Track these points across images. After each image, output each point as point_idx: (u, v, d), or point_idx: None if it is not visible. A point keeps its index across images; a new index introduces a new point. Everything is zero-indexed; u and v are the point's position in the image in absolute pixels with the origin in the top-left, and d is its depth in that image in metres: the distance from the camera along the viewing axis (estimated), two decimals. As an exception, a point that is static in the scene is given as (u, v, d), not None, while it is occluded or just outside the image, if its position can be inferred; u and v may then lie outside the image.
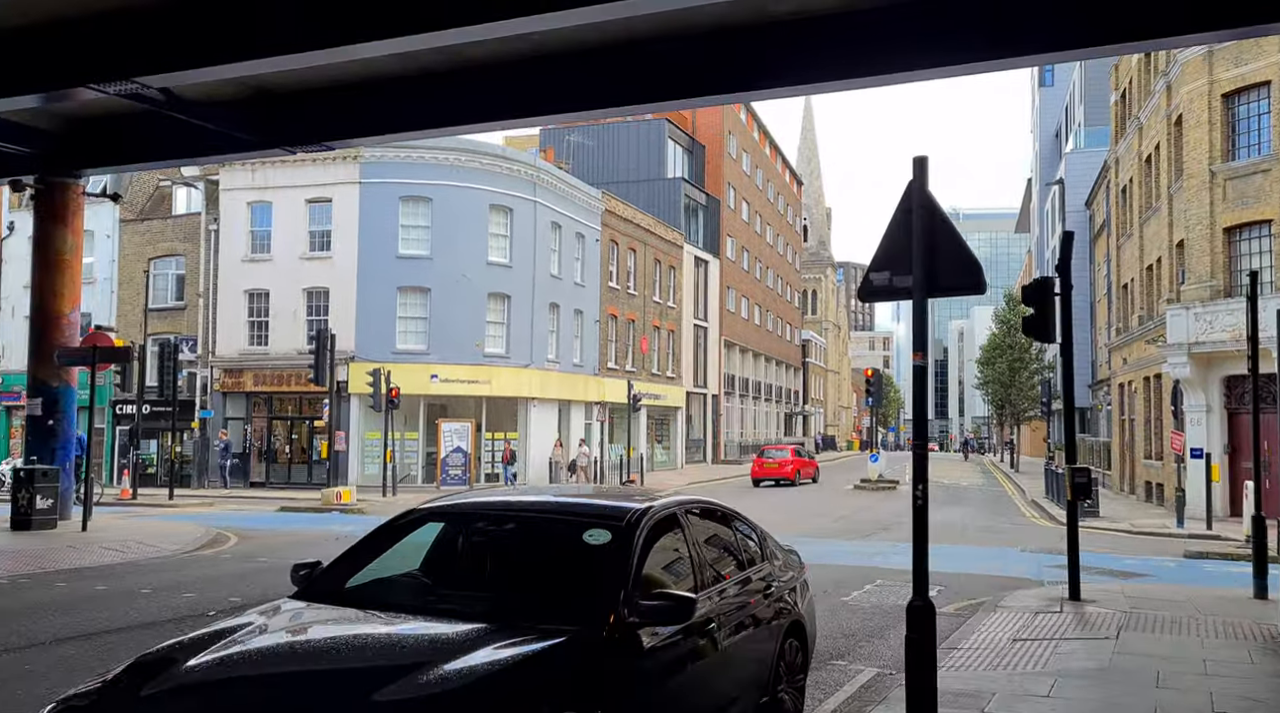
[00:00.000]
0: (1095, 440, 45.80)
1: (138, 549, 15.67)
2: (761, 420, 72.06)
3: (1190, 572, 15.92)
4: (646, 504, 5.52)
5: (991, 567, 15.75)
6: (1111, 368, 39.67)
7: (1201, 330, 25.36)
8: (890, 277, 5.73)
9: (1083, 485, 11.43)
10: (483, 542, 5.56)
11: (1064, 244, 11.71)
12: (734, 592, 5.83)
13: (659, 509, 5.53)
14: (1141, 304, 33.34)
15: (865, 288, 5.84)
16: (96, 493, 27.79)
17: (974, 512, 28.89)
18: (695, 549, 5.65)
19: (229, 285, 36.21)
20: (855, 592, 12.77)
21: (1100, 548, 19.19)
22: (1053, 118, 71.25)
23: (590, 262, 43.26)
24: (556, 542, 5.30)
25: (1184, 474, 24.70)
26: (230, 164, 36.04)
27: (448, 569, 5.50)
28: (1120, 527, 23.82)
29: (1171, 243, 29.28)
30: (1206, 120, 26.46)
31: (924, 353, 5.60)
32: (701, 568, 5.60)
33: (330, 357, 26.60)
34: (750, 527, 6.74)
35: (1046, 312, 11.43)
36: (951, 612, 11.60)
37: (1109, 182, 40.73)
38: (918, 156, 5.66)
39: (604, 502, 5.80)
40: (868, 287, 5.82)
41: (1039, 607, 11.22)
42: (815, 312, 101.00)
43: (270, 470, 36.04)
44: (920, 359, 5.59)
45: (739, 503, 8.02)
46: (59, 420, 19.59)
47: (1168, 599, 11.96)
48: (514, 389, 37.24)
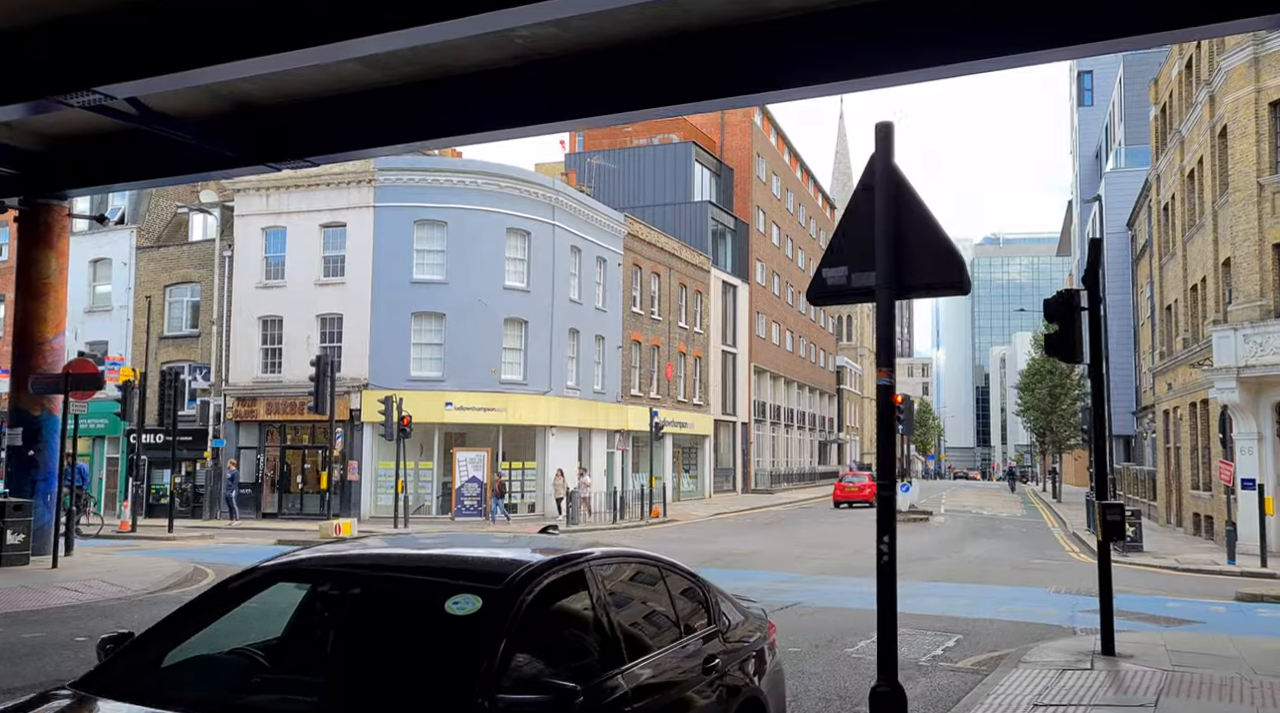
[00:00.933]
0: (1140, 470, 43.87)
1: (100, 589, 14.72)
2: (794, 448, 70.47)
3: (1243, 618, 14.41)
4: (542, 559, 4.39)
5: (1019, 611, 14.36)
6: (1156, 394, 37.89)
7: (1251, 353, 23.77)
8: (848, 273, 4.57)
9: (1115, 524, 10.09)
10: (329, 610, 4.44)
11: (1091, 253, 10.44)
12: (660, 669, 4.65)
13: (557, 566, 4.40)
14: (1186, 326, 31.71)
15: (816, 288, 4.68)
16: (95, 525, 27.26)
17: (1008, 545, 27.34)
18: (607, 616, 4.49)
19: (243, 312, 35.61)
20: (862, 642, 11.47)
21: (1142, 588, 17.71)
22: (1092, 138, 69.54)
23: (612, 286, 42.25)
24: (414, 611, 4.17)
25: (1234, 506, 23.06)
26: (245, 190, 35.65)
27: (286, 645, 4.39)
28: (1165, 563, 22.23)
29: (1217, 261, 27.72)
30: (1253, 130, 24.98)
31: (890, 369, 4.42)
32: (612, 641, 4.43)
33: (331, 384, 25.71)
34: (693, 583, 5.54)
35: (1072, 329, 10.16)
36: (968, 667, 10.30)
37: (1150, 200, 39.11)
38: (881, 123, 4.52)
39: (488, 555, 4.66)
40: (819, 287, 4.67)
41: (1066, 662, 9.88)
42: (850, 337, 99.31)
43: (283, 501, 35.24)
44: (886, 377, 4.41)
45: (751, 533, 6.90)
46: (40, 451, 18.78)
47: (1217, 654, 10.55)
48: (532, 417, 36.21)
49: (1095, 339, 10.13)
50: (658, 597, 5.16)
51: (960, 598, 15.57)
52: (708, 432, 51.98)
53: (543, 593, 4.18)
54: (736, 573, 18.93)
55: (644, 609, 5.03)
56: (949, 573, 19.57)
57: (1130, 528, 24.14)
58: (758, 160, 61.28)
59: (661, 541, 26.94)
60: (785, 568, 19.65)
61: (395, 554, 4.67)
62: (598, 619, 4.45)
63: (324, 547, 4.88)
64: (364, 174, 34.54)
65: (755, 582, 17.56)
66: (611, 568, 4.87)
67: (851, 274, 4.54)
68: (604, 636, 4.43)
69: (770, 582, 17.52)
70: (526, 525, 32.33)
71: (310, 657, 4.29)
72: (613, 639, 4.44)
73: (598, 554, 4.79)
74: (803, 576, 18.07)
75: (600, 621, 4.45)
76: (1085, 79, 72.13)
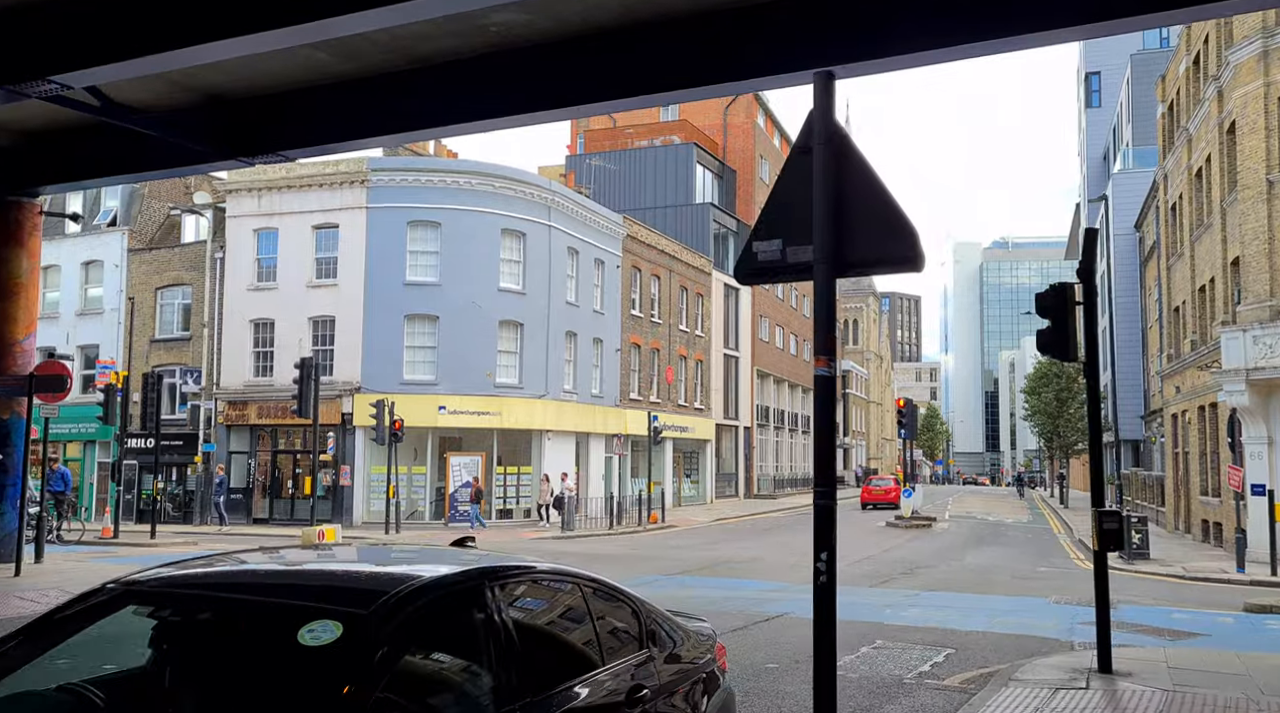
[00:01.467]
0: (1149, 475, 43.09)
1: (56, 599, 14.15)
2: (799, 453, 69.76)
3: (1251, 631, 13.71)
4: (431, 576, 3.80)
5: (1016, 623, 13.69)
6: (1164, 397, 37.14)
7: (1260, 355, 23.06)
8: (783, 248, 3.97)
9: (1113, 533, 9.43)
10: (170, 639, 3.84)
11: (1087, 243, 9.79)
12: (573, 703, 4.05)
13: (449, 584, 3.80)
14: (1194, 328, 30.99)
15: (745, 265, 4.08)
16: (78, 530, 26.73)
17: (1011, 553, 26.63)
18: (508, 643, 3.89)
19: (234, 315, 35.11)
20: (847, 657, 10.83)
21: (1147, 598, 17.03)
22: (1100, 140, 68.86)
23: (610, 289, 41.66)
24: (265, 641, 3.57)
25: (1244, 513, 22.33)
26: (237, 191, 35.19)
27: (126, 680, 3.79)
28: (1172, 572, 21.52)
29: (1225, 261, 27.02)
30: (1263, 126, 24.29)
31: (830, 357, 3.81)
32: (512, 673, 3.83)
33: (316, 387, 25.15)
34: (622, 602, 4.92)
35: (1066, 324, 9.53)
36: (956, 685, 9.66)
37: (1157, 200, 38.40)
38: (820, 71, 3.92)
39: (369, 572, 4.06)
40: (749, 264, 4.06)
41: (1060, 680, 9.24)
42: (857, 342, 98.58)
43: (274, 506, 34.68)
44: (825, 366, 3.80)
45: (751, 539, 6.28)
46: (9, 455, 18.24)
47: (1222, 672, 9.90)
48: (528, 421, 35.61)
49: (1091, 335, 9.49)
50: (577, 620, 4.55)
51: (954, 609, 14.91)
52: (709, 436, 51.31)
53: (423, 617, 3.59)
54: (731, 581, 18.32)
55: (558, 635, 4.43)
56: (946, 582, 18.90)
57: (1137, 535, 23.47)
58: (761, 162, 60.67)
59: (656, 547, 26.33)
60: (780, 576, 19.00)
61: (258, 572, 4.05)
62: (496, 648, 3.85)
63: (192, 562, 4.27)
64: (357, 174, 34.04)
65: (746, 590, 16.96)
66: (521, 587, 4.28)
67: (787, 248, 3.94)
68: (503, 667, 3.82)
69: (761, 590, 16.91)
70: (520, 532, 31.75)
71: (147, 696, 3.69)
72: (513, 671, 3.83)
73: (502, 571, 4.18)
74: (796, 584, 17.42)
75: (499, 649, 3.85)
76: (1093, 80, 71.48)
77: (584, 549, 25.42)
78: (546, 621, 4.40)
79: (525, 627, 4.14)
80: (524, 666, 3.92)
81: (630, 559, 22.52)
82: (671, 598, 15.79)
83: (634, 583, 17.83)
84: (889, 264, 3.92)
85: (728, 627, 12.14)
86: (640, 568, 20.21)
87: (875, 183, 3.92)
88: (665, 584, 17.57)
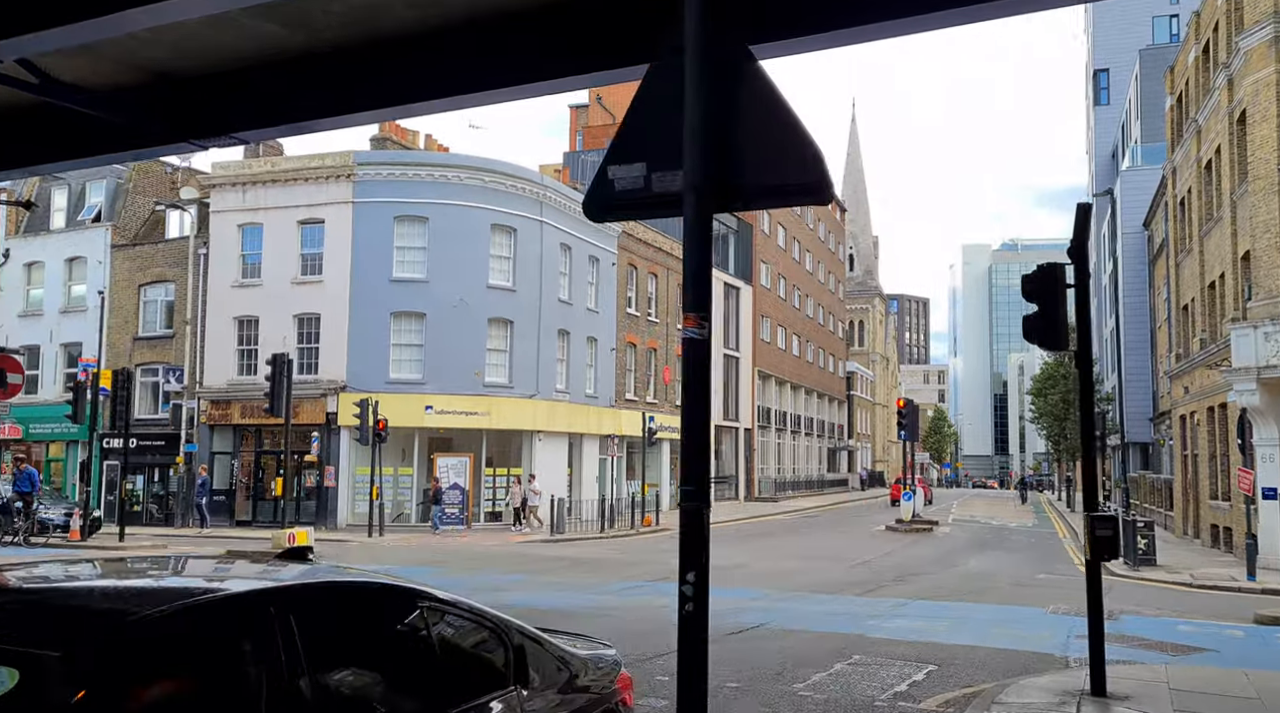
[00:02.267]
0: (1157, 478, 41.99)
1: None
2: (802, 455, 68.73)
3: (1262, 646, 12.73)
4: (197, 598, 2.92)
5: (1008, 635, 12.73)
6: (1173, 399, 36.08)
7: (1272, 352, 22.06)
8: (647, 173, 3.06)
9: (1106, 540, 8.49)
10: None
11: (1079, 219, 8.85)
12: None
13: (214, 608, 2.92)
14: (1203, 326, 29.96)
15: (599, 197, 3.16)
16: (42, 534, 25.93)
17: (1013, 558, 25.64)
18: (301, 684, 2.99)
19: (218, 312, 34.30)
20: (817, 674, 9.90)
21: (1151, 607, 16.07)
22: (1109, 138, 67.68)
23: (605, 287, 40.75)
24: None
25: (1254, 517, 21.33)
26: (221, 185, 34.42)
27: None
28: (1179, 579, 20.54)
29: (1236, 255, 26.00)
30: (1274, 113, 23.29)
31: (705, 316, 2.90)
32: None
33: (288, 384, 24.35)
34: (479, 623, 3.99)
35: (1055, 309, 8.60)
36: (933, 709, 8.73)
37: (1166, 196, 37.34)
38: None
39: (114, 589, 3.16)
40: (603, 194, 3.15)
41: (1048, 703, 8.31)
42: (862, 343, 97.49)
43: (257, 508, 33.83)
44: (696, 326, 2.89)
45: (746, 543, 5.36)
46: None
47: (1228, 694, 8.95)
48: (517, 421, 34.72)
49: (1083, 321, 8.56)
50: (413, 649, 3.65)
51: (944, 619, 13.97)
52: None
53: (162, 655, 2.71)
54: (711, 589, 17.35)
55: (383, 670, 3.52)
56: (941, 589, 17.94)
57: (1143, 540, 22.51)
58: (763, 160, 59.72)
59: (647, 551, 25.41)
60: (765, 583, 18.06)
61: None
62: (283, 689, 2.96)
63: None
64: (343, 168, 33.24)
65: (722, 599, 16.00)
66: (329, 609, 3.38)
67: (652, 174, 3.04)
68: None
69: (739, 599, 15.96)
70: (509, 535, 30.86)
71: None
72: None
73: (302, 589, 3.29)
74: (778, 592, 16.50)
75: (287, 691, 2.96)
76: (1101, 78, 70.32)
77: (569, 553, 24.53)
78: (370, 652, 3.50)
79: (334, 661, 3.24)
80: (331, 706, 3.05)
81: (617, 564, 21.63)
82: (648, 605, 14.93)
83: (616, 588, 16.95)
84: (786, 195, 3.03)
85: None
86: (626, 573, 19.34)
87: (772, 94, 3.02)
88: (647, 591, 16.72)
